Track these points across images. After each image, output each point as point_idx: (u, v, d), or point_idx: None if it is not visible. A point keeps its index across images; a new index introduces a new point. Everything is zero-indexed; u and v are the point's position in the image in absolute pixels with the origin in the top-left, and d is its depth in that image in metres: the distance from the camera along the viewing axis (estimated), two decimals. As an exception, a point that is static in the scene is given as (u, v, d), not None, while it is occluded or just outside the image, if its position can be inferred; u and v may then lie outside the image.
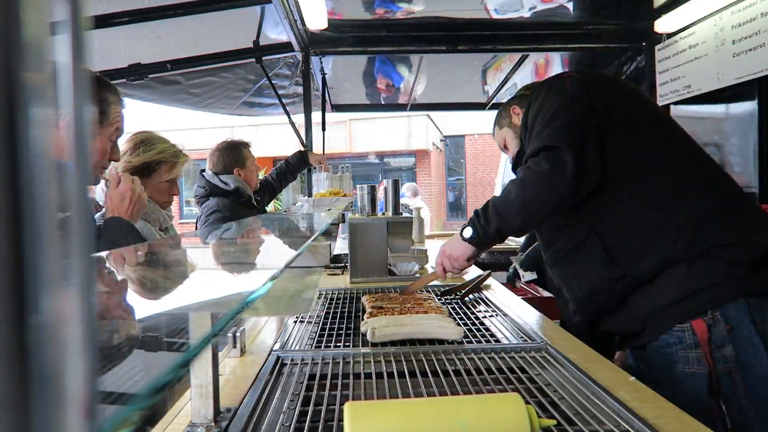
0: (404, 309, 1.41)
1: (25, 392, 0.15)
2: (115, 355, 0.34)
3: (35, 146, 0.16)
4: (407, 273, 2.13)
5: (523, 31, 3.31)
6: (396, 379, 0.99)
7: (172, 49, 3.18)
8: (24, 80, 0.16)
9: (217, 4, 2.64)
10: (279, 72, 3.68)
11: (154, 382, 0.27)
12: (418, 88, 4.53)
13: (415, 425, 0.71)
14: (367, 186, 2.22)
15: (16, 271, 0.16)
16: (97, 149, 1.32)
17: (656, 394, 0.94)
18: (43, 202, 0.16)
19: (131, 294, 0.56)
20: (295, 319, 1.49)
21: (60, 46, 0.17)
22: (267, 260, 0.94)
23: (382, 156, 15.10)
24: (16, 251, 0.16)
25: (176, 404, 0.96)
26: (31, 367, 0.16)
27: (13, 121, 0.15)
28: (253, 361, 1.18)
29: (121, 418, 0.22)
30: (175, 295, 0.58)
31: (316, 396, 0.94)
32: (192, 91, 3.74)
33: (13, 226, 0.15)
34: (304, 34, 3.13)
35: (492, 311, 1.57)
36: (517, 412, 0.73)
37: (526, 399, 0.84)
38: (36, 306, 0.16)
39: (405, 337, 1.22)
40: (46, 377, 0.16)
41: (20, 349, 0.15)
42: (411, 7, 3.06)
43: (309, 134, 3.46)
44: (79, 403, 0.17)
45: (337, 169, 3.33)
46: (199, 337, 0.37)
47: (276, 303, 1.41)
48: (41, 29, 0.16)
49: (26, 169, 0.16)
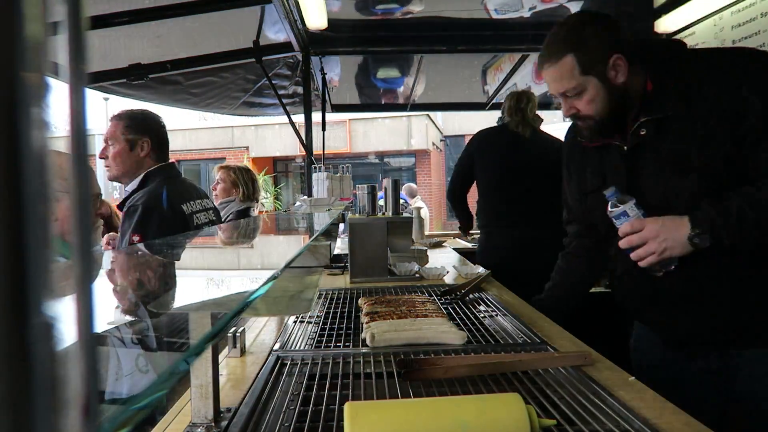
0: (402, 313, 1.38)
1: (26, 392, 0.15)
2: (115, 355, 0.34)
3: (36, 146, 0.16)
4: (407, 273, 2.13)
5: (523, 31, 3.31)
6: (396, 379, 0.99)
7: (172, 49, 3.18)
8: (25, 80, 0.16)
9: (217, 4, 2.64)
10: (279, 72, 3.68)
11: (153, 382, 0.27)
12: (418, 88, 4.53)
13: (415, 425, 0.71)
14: (367, 186, 2.22)
15: (16, 271, 0.16)
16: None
17: (656, 394, 0.94)
18: (44, 202, 0.16)
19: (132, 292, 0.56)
20: (295, 319, 1.49)
21: (59, 46, 0.17)
22: (267, 260, 0.94)
23: (382, 156, 15.09)
24: (16, 251, 0.16)
25: (176, 404, 0.96)
26: (32, 367, 0.16)
27: (13, 121, 0.15)
28: (253, 361, 1.18)
29: (121, 418, 0.22)
30: (174, 294, 0.58)
31: (316, 396, 0.94)
32: (192, 91, 3.74)
33: (14, 225, 0.15)
34: (304, 34, 3.13)
35: (492, 311, 1.57)
36: (517, 412, 0.73)
37: (526, 399, 0.84)
38: (37, 306, 0.16)
39: (405, 342, 1.20)
40: (47, 377, 0.16)
41: (21, 348, 0.15)
42: (410, 7, 3.06)
43: (309, 134, 3.46)
44: (79, 402, 0.17)
45: (337, 170, 3.33)
46: (199, 337, 0.37)
47: (276, 303, 1.42)
48: (41, 29, 0.16)
49: (27, 168, 0.16)
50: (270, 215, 4.86)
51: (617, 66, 1.25)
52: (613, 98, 1.27)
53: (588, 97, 1.28)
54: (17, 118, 0.15)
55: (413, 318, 1.32)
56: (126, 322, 0.43)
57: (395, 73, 4.18)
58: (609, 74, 1.26)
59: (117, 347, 0.36)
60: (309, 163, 3.40)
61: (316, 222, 1.82)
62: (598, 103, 1.28)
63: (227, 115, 4.69)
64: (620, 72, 1.26)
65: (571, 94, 1.30)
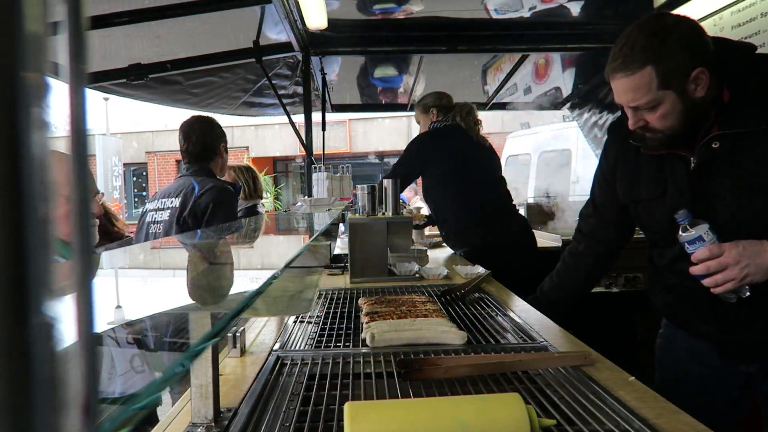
0: (402, 313, 1.37)
1: (26, 392, 0.15)
2: (115, 355, 0.34)
3: (36, 146, 0.16)
4: (407, 273, 2.12)
5: (523, 31, 3.31)
6: (396, 379, 0.99)
7: (172, 49, 3.18)
8: (25, 80, 0.16)
9: (217, 4, 2.64)
10: (279, 72, 3.68)
11: (153, 382, 0.27)
12: (419, 88, 4.53)
13: (415, 425, 0.71)
14: (367, 186, 2.22)
15: (16, 271, 0.16)
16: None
17: (656, 394, 0.94)
18: (44, 202, 0.16)
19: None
20: (295, 319, 1.49)
21: (59, 46, 0.17)
22: (267, 260, 0.94)
23: (382, 156, 15.09)
24: (16, 251, 0.16)
25: (176, 404, 0.96)
26: (32, 367, 0.16)
27: (14, 121, 0.15)
28: (253, 361, 1.18)
29: (121, 418, 0.22)
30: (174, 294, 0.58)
31: (316, 396, 0.94)
32: (192, 91, 3.74)
33: (14, 225, 0.15)
34: (304, 34, 3.13)
35: (492, 311, 1.57)
36: (517, 412, 0.73)
37: (526, 399, 0.84)
38: (38, 306, 0.16)
39: (405, 342, 1.20)
40: (47, 377, 0.16)
41: (21, 348, 0.15)
42: (410, 7, 3.06)
43: (309, 134, 3.46)
44: (79, 402, 0.17)
45: (337, 170, 3.33)
46: (199, 337, 0.37)
47: (276, 303, 1.42)
48: (41, 28, 0.16)
49: (27, 169, 0.16)
50: (270, 215, 4.86)
51: (699, 80, 1.14)
52: (689, 113, 1.17)
53: (663, 111, 1.16)
54: (17, 118, 0.15)
55: (413, 318, 1.32)
56: (125, 322, 0.43)
57: (393, 72, 4.18)
58: (689, 88, 1.14)
59: (116, 347, 0.36)
60: (309, 163, 3.40)
61: (316, 222, 1.82)
62: (673, 118, 1.17)
63: (227, 115, 4.69)
64: (701, 86, 1.15)
65: (644, 108, 1.18)
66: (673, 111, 1.16)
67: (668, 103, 1.15)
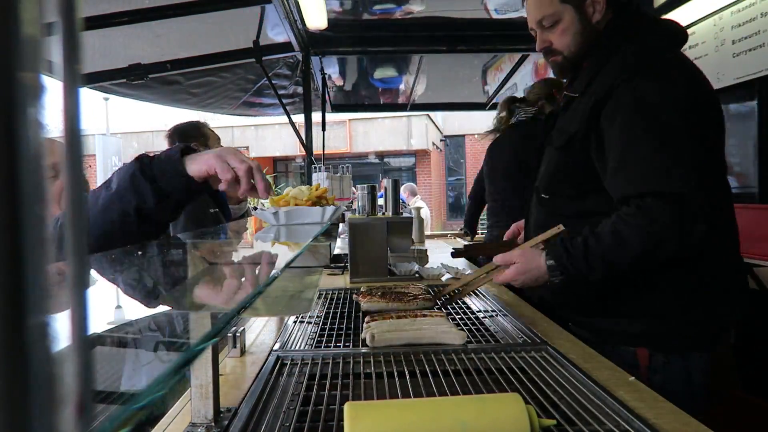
0: (401, 314, 1.36)
1: (23, 392, 0.15)
2: (115, 354, 0.34)
3: (33, 145, 0.16)
4: (407, 273, 2.12)
5: (523, 31, 3.30)
6: (396, 379, 0.99)
7: (172, 49, 3.18)
8: (20, 80, 0.16)
9: (217, 4, 2.64)
10: (279, 72, 3.68)
11: (153, 382, 0.27)
12: (418, 88, 4.53)
13: (415, 425, 0.71)
14: (367, 186, 2.22)
15: (12, 271, 0.15)
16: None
17: (656, 394, 0.94)
18: (41, 202, 0.16)
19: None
20: (295, 319, 1.49)
21: (54, 46, 0.17)
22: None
23: (382, 156, 15.09)
24: (12, 252, 0.15)
25: (176, 404, 0.96)
26: (29, 367, 0.16)
27: (9, 122, 0.15)
28: (253, 361, 1.18)
29: (120, 418, 0.22)
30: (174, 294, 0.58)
31: (316, 396, 0.94)
32: (192, 91, 3.74)
33: (12, 225, 0.15)
34: (304, 34, 3.13)
35: (492, 311, 1.57)
36: (517, 412, 0.73)
37: (526, 399, 0.84)
38: (35, 306, 0.16)
39: (405, 342, 1.20)
40: (43, 376, 0.16)
41: (18, 349, 0.15)
42: (410, 7, 3.06)
43: (309, 134, 3.46)
44: (75, 402, 0.17)
45: (337, 170, 3.33)
46: (199, 337, 0.37)
47: (276, 303, 1.42)
48: (37, 28, 0.16)
49: (25, 168, 0.16)
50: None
51: (596, 3, 1.27)
52: (583, 36, 1.30)
53: (562, 27, 1.31)
54: (13, 119, 0.15)
55: (413, 318, 1.32)
56: (124, 322, 0.43)
57: (393, 72, 4.18)
58: (587, 9, 1.28)
59: (117, 346, 0.36)
60: (309, 163, 3.40)
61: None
62: (569, 37, 1.31)
63: (227, 115, 4.69)
64: (597, 10, 1.28)
65: (547, 24, 1.33)
66: (570, 27, 1.30)
67: (567, 19, 1.30)
